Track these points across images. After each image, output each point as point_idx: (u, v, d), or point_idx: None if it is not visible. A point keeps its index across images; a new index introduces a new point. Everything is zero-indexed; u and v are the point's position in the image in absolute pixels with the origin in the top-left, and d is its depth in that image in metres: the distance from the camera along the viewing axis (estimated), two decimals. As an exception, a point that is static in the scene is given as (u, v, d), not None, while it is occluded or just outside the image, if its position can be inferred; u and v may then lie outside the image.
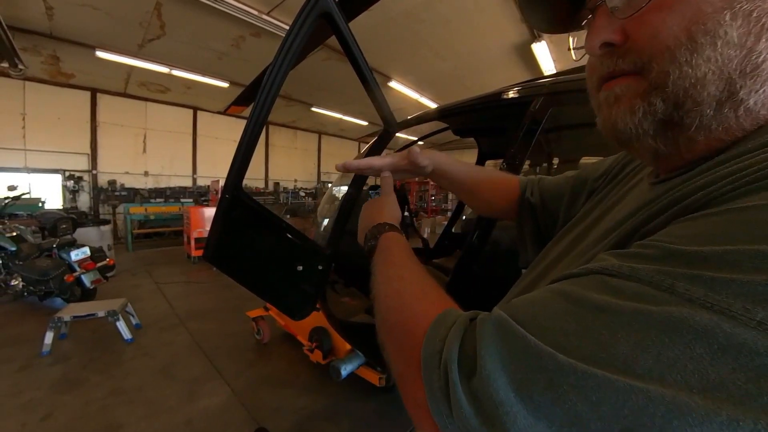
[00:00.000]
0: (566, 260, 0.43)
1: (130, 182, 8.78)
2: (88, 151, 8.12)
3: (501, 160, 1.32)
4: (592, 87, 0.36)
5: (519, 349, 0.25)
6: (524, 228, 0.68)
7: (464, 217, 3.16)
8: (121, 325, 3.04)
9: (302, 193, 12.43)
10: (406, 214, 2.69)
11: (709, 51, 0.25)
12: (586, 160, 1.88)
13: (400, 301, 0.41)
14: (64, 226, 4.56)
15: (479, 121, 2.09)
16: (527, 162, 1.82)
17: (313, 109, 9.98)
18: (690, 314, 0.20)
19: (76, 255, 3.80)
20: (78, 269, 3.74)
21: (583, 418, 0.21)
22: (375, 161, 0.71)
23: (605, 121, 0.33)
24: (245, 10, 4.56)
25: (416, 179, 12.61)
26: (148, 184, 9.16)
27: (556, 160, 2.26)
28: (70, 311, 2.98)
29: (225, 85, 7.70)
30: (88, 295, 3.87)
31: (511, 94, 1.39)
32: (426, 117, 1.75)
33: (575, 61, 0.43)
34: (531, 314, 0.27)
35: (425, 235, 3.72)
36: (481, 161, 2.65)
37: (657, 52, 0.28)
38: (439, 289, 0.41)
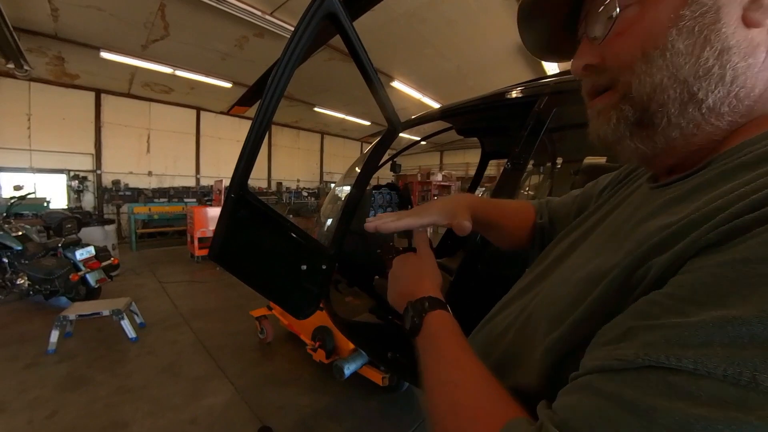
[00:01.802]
0: (567, 262, 0.43)
1: (134, 182, 8.83)
2: (93, 151, 8.18)
3: (505, 160, 1.32)
4: (585, 102, 0.41)
5: None
6: (534, 249, 0.66)
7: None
8: (126, 324, 3.06)
9: (305, 193, 12.45)
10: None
11: (661, 61, 0.31)
12: (590, 159, 1.87)
13: (459, 417, 0.35)
14: (69, 225, 4.59)
15: (483, 120, 2.09)
16: (531, 162, 1.82)
17: (316, 109, 9.99)
18: None
19: (80, 254, 3.83)
20: (83, 268, 3.76)
21: None
22: (412, 222, 0.58)
23: (592, 131, 0.39)
24: (248, 11, 4.57)
25: (418, 179, 12.60)
26: (152, 184, 9.21)
27: (560, 160, 2.25)
28: (75, 310, 3.00)
29: (228, 85, 7.73)
30: (92, 294, 3.89)
31: (515, 94, 1.39)
32: (430, 116, 1.75)
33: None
34: (589, 427, 0.23)
35: (428, 235, 3.71)
36: (484, 161, 2.65)
37: (621, 67, 0.34)
38: (502, 393, 0.36)
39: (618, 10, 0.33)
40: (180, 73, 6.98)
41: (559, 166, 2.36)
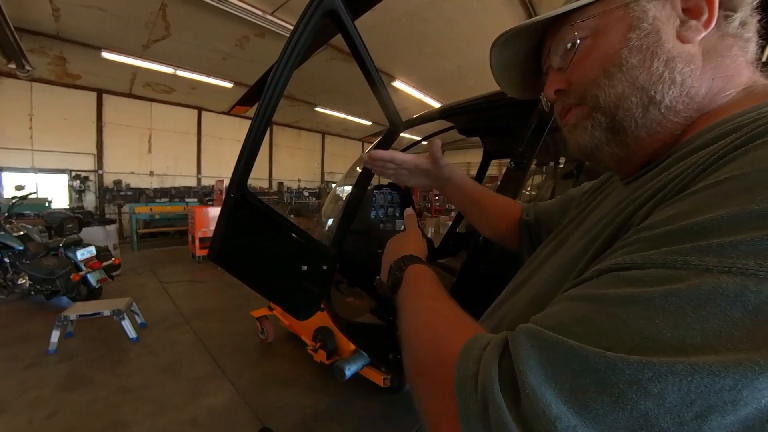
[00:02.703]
0: (552, 259, 0.46)
1: (136, 182, 8.85)
2: (94, 151, 8.20)
3: (507, 159, 1.31)
4: (559, 123, 0.47)
5: (561, 355, 0.24)
6: (523, 248, 0.71)
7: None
8: (127, 324, 3.06)
9: (306, 193, 12.46)
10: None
11: (620, 75, 0.37)
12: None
13: (431, 332, 0.39)
14: (70, 225, 4.60)
15: (485, 120, 2.08)
16: (534, 161, 1.80)
17: (317, 109, 9.99)
18: (715, 282, 0.21)
19: (82, 254, 3.83)
20: (84, 268, 3.77)
21: (650, 417, 0.20)
22: (397, 154, 0.73)
23: (571, 144, 0.44)
24: (249, 11, 4.57)
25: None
26: (153, 184, 9.23)
27: (563, 160, 2.24)
28: (76, 310, 3.00)
29: (229, 85, 7.74)
30: (93, 294, 3.89)
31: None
32: (431, 116, 1.74)
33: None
34: (557, 322, 0.26)
35: (429, 235, 3.71)
36: (486, 160, 2.64)
37: (587, 85, 0.40)
38: (472, 319, 0.40)
39: (578, 40, 0.39)
40: (181, 73, 7.00)
41: (561, 166, 2.35)
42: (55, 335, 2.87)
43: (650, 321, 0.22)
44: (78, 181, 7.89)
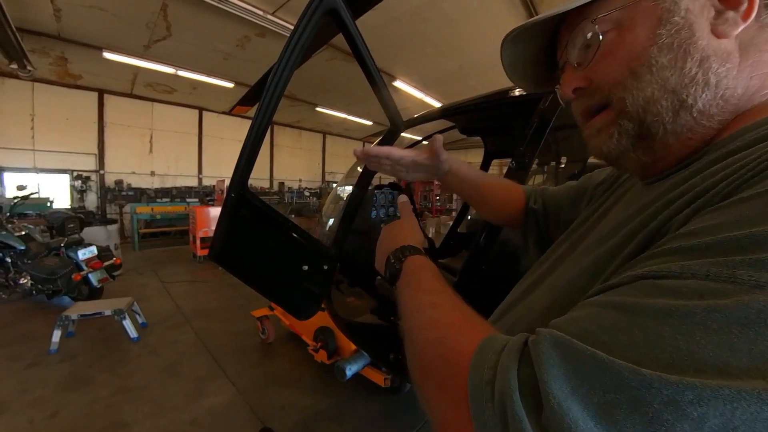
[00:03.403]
0: (568, 261, 0.44)
1: (137, 182, 8.85)
2: (96, 151, 8.21)
3: (508, 159, 1.30)
4: (579, 122, 0.44)
5: (589, 367, 0.22)
6: (528, 235, 0.70)
7: (470, 217, 3.14)
8: (128, 324, 3.06)
9: (307, 193, 12.46)
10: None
11: (648, 76, 0.34)
12: (594, 159, 1.85)
13: (436, 331, 0.36)
14: (71, 225, 4.60)
15: (486, 119, 2.07)
16: (535, 161, 1.80)
17: (318, 109, 9.99)
18: (766, 300, 0.19)
19: (83, 254, 3.84)
20: (85, 268, 3.77)
21: None
22: (394, 151, 0.69)
23: (594, 148, 0.41)
24: (250, 11, 4.57)
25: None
26: (155, 183, 9.24)
27: (564, 159, 2.23)
28: (77, 310, 3.00)
29: (230, 85, 7.74)
30: (95, 293, 3.90)
31: (519, 92, 1.37)
32: (432, 115, 1.74)
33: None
34: (582, 329, 0.25)
35: (430, 235, 3.70)
36: (487, 160, 2.63)
37: (613, 86, 0.36)
38: (479, 316, 0.38)
39: (601, 36, 0.36)
40: (182, 73, 7.00)
41: (563, 166, 2.34)
42: (57, 335, 2.88)
43: (690, 337, 0.20)
44: (79, 181, 7.90)
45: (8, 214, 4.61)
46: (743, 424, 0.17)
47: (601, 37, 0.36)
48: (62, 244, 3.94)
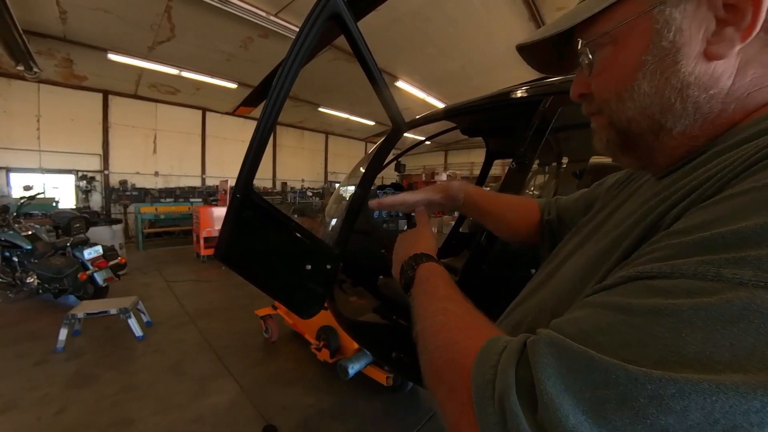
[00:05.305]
0: (574, 257, 0.44)
1: (141, 182, 8.92)
2: (100, 151, 8.28)
3: (509, 160, 1.31)
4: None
5: (581, 365, 0.23)
6: (544, 247, 0.69)
7: (471, 217, 3.14)
8: (133, 323, 3.10)
9: (309, 193, 12.49)
10: (413, 214, 2.68)
11: (630, 103, 0.36)
12: (595, 159, 1.85)
13: (447, 335, 0.37)
14: (77, 225, 4.65)
15: (488, 120, 2.08)
16: (536, 161, 1.81)
17: (321, 109, 10.02)
18: (749, 298, 0.20)
19: (89, 253, 3.88)
20: (91, 267, 3.81)
21: None
22: (408, 197, 0.71)
23: (594, 143, 0.44)
24: (253, 12, 4.60)
25: (423, 179, 12.57)
26: (159, 184, 9.30)
27: (565, 160, 2.23)
28: (83, 308, 3.04)
29: (233, 86, 7.78)
30: (100, 292, 3.93)
31: (521, 93, 1.38)
32: (434, 116, 1.75)
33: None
34: (579, 330, 0.26)
35: (427, 215, 3.70)
36: (488, 161, 2.64)
37: (601, 102, 0.39)
38: (488, 320, 0.39)
39: (593, 56, 0.38)
40: (186, 74, 7.04)
41: (564, 166, 2.34)
42: (63, 333, 2.91)
43: (676, 335, 0.21)
44: (84, 182, 7.97)
45: (15, 214, 4.66)
46: (723, 417, 0.18)
47: (591, 57, 0.38)
48: (68, 244, 3.98)
